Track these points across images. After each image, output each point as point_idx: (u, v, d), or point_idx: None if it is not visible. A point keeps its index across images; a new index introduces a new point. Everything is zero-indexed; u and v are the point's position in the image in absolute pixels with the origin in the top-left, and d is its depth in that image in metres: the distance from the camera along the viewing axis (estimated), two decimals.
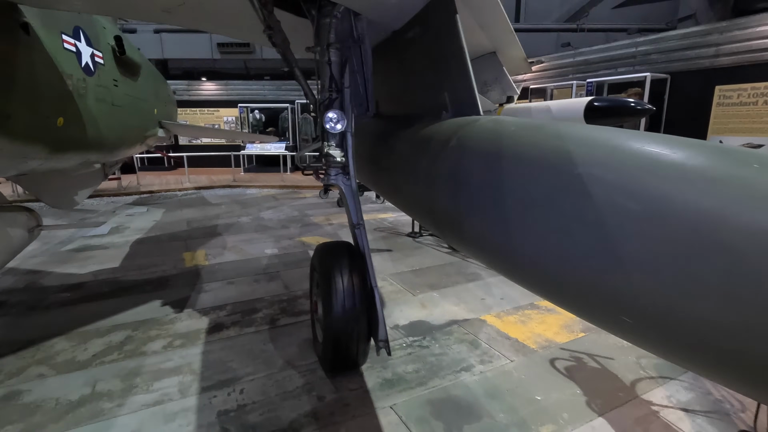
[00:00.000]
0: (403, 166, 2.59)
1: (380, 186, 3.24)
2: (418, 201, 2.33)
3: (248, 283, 4.45)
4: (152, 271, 4.80)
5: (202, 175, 13.46)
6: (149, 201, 9.52)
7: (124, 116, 4.93)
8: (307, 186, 11.39)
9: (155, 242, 6.03)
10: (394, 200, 2.96)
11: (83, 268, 4.89)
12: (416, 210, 2.46)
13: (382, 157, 3.00)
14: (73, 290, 4.23)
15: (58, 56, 3.46)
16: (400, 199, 2.75)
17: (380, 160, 3.05)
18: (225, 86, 15.34)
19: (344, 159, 2.77)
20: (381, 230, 6.75)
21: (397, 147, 2.75)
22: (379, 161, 3.06)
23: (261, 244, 5.90)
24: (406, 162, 2.57)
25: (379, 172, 3.09)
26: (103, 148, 4.46)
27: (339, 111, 2.77)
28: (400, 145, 2.71)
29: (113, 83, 4.60)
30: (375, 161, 3.14)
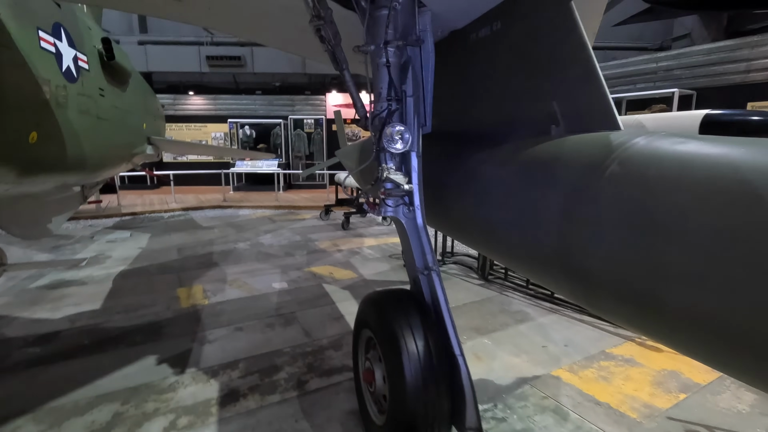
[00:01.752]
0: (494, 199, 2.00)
1: (446, 223, 2.61)
2: (534, 250, 1.71)
3: (260, 328, 3.73)
4: (141, 314, 4.03)
5: (189, 194, 12.61)
6: (132, 224, 8.65)
7: (111, 131, 4.22)
8: (304, 206, 10.70)
9: (143, 275, 5.24)
10: (476, 242, 2.34)
11: (56, 311, 4.08)
12: (527, 261, 1.83)
13: (450, 186, 2.40)
14: (44, 343, 3.43)
15: (33, 57, 2.78)
16: (488, 244, 2.14)
17: (446, 190, 2.44)
18: (213, 101, 14.62)
19: (409, 186, 2.16)
20: (397, 257, 6.11)
21: (478, 173, 2.15)
22: (444, 191, 2.45)
23: (266, 277, 5.18)
24: (498, 194, 1.98)
25: (446, 205, 2.47)
26: (84, 169, 3.73)
27: (403, 125, 2.17)
28: (484, 171, 2.12)
29: (99, 93, 3.91)
30: (436, 191, 2.52)
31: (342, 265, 5.72)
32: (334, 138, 14.95)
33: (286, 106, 14.92)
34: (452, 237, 2.78)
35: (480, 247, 2.32)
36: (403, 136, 2.15)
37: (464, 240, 2.50)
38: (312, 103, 15.14)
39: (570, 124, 1.76)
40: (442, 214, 2.57)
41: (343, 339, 3.52)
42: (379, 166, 2.26)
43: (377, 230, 8.06)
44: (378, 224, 8.65)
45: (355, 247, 6.69)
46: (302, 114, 14.87)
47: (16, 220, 3.85)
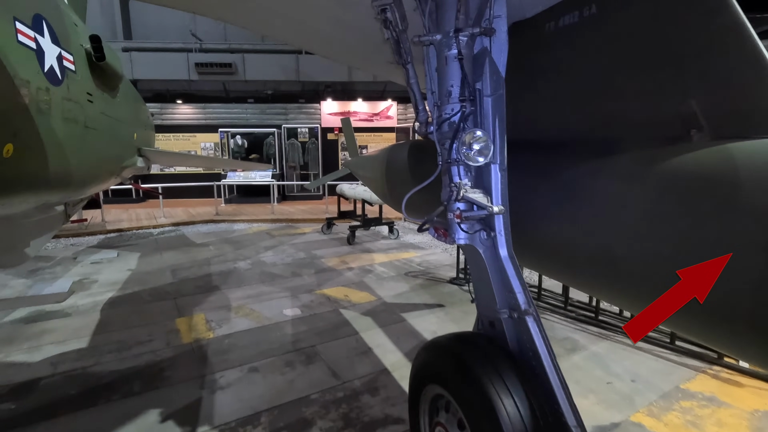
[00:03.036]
0: (615, 224, 1.57)
1: (526, 251, 2.13)
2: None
3: (278, 368, 3.22)
4: (137, 352, 3.48)
5: (178, 207, 11.97)
6: (119, 242, 8.01)
7: (99, 142, 3.69)
8: (303, 219, 10.18)
9: (135, 303, 4.66)
10: (577, 279, 1.89)
11: (35, 351, 3.50)
12: (687, 314, 1.38)
13: (532, 206, 1.96)
14: (20, 396, 2.86)
15: (9, 52, 2.27)
16: (604, 282, 1.70)
17: (525, 211, 2.00)
18: (203, 109, 14.04)
19: (499, 208, 1.71)
20: (414, 275, 5.66)
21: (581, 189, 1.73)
22: (522, 213, 2.01)
23: (275, 302, 4.66)
24: (625, 218, 1.55)
25: (524, 229, 2.02)
26: (69, 185, 3.19)
27: (483, 131, 1.74)
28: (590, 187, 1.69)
29: (87, 98, 3.38)
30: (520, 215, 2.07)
31: (356, 285, 5.23)
32: (329, 148, 14.49)
33: (279, 115, 14.42)
34: (532, 268, 2.31)
35: (585, 284, 1.88)
36: (484, 144, 1.71)
37: (556, 274, 2.05)
38: (306, 112, 14.68)
39: (718, 128, 1.35)
40: (517, 241, 2.11)
41: (377, 380, 3.04)
42: (451, 182, 1.82)
43: (385, 245, 7.60)
44: (384, 238, 8.19)
45: (366, 265, 6.21)
46: (296, 123, 14.39)
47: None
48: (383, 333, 3.83)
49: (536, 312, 1.69)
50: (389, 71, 3.77)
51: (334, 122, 14.58)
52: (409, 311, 4.36)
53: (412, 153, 3.29)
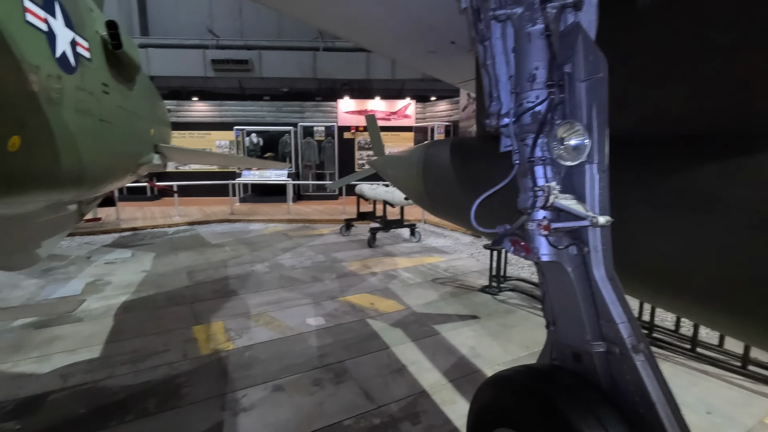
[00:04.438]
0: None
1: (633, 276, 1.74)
2: None
3: (306, 387, 2.92)
4: (152, 365, 3.21)
5: (192, 206, 11.80)
6: (133, 241, 7.82)
7: (116, 137, 3.45)
8: (320, 220, 9.91)
9: (150, 308, 4.42)
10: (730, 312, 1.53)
11: (44, 361, 3.26)
12: None
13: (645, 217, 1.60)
14: (26, 413, 2.61)
15: (15, 33, 2.01)
16: None
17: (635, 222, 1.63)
18: (218, 107, 13.89)
19: (606, 219, 1.38)
20: (442, 282, 5.33)
21: (709, 198, 1.38)
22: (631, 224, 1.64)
23: (297, 310, 4.38)
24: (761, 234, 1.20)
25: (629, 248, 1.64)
26: (83, 183, 2.95)
27: (579, 124, 1.41)
28: (722, 192, 1.35)
29: (102, 89, 3.14)
30: None
31: (381, 293, 4.92)
32: (345, 147, 14.22)
33: (296, 113, 14.20)
34: (638, 297, 1.91)
35: (708, 316, 1.52)
36: (582, 140, 1.39)
37: (662, 299, 1.69)
38: (323, 110, 14.43)
39: None
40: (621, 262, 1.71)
41: (417, 404, 2.72)
42: (534, 186, 1.49)
43: (407, 248, 7.28)
44: (406, 241, 7.87)
45: (390, 269, 5.90)
46: (312, 121, 14.15)
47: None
48: (416, 348, 3.52)
49: (649, 349, 1.36)
50: (427, 62, 3.46)
51: (351, 121, 14.31)
52: (441, 323, 4.03)
53: (456, 151, 2.97)
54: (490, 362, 3.27)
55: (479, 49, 1.62)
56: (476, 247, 7.36)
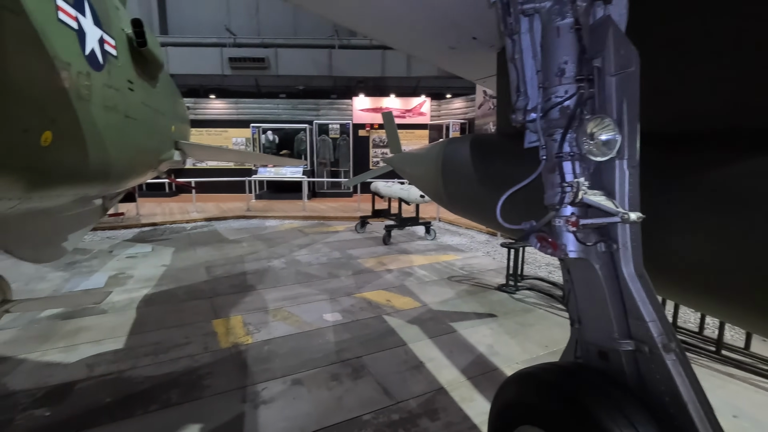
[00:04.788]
0: None
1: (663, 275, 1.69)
2: None
3: (324, 382, 2.95)
4: (174, 357, 3.28)
5: (209, 202, 11.98)
6: (153, 236, 7.98)
7: (140, 133, 3.53)
8: (335, 217, 9.96)
9: (170, 301, 4.50)
10: None
11: (71, 351, 3.35)
12: None
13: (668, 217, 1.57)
14: (55, 401, 2.69)
15: (49, 30, 2.06)
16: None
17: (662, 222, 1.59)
18: (235, 105, 14.05)
19: (637, 215, 1.36)
20: (458, 280, 5.31)
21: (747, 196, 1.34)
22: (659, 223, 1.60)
23: (314, 305, 4.41)
24: None
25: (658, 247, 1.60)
26: (109, 178, 3.02)
27: (609, 119, 1.39)
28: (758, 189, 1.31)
29: (128, 86, 3.20)
30: None
31: (397, 290, 4.93)
32: (360, 144, 14.25)
33: (311, 111, 14.28)
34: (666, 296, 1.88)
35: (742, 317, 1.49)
36: (613, 135, 1.37)
37: (690, 298, 1.66)
38: (338, 108, 14.48)
39: None
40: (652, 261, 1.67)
41: (435, 401, 2.72)
42: (562, 181, 1.48)
43: (422, 246, 7.26)
44: (421, 238, 7.85)
45: (405, 267, 5.90)
46: (327, 119, 14.21)
47: (26, 242, 3.15)
48: (433, 345, 3.52)
49: (680, 348, 1.33)
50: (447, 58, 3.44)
51: (366, 118, 14.33)
52: (458, 320, 4.02)
53: (476, 148, 2.95)
54: (508, 360, 3.25)
55: (507, 43, 1.61)
56: (492, 245, 7.31)
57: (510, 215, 1.82)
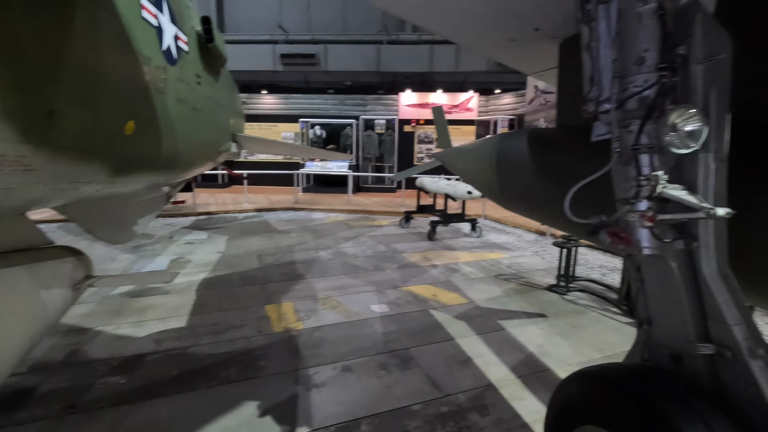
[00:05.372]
0: None
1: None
2: None
3: (373, 370, 3.00)
4: (231, 338, 3.46)
5: (259, 194, 12.45)
6: (208, 224, 8.42)
7: (205, 125, 3.72)
8: (379, 211, 10.05)
9: (226, 286, 4.75)
10: None
11: (140, 326, 3.62)
12: None
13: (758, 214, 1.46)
14: (128, 371, 2.92)
15: (134, 28, 2.22)
16: None
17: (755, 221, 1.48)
18: (285, 100, 14.49)
19: (725, 211, 1.29)
20: (505, 278, 5.21)
21: None
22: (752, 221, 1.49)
23: (361, 296, 4.49)
24: None
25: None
26: (177, 167, 3.21)
27: (695, 109, 1.32)
28: None
29: (196, 80, 3.38)
30: None
31: (443, 285, 4.91)
32: (405, 140, 14.25)
33: (358, 106, 14.45)
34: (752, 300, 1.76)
35: None
36: (698, 126, 1.29)
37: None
38: (384, 103, 14.56)
39: None
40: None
41: (484, 396, 2.70)
42: (638, 174, 1.42)
43: (467, 243, 7.18)
44: (466, 235, 7.76)
45: (450, 263, 5.86)
46: (374, 114, 14.32)
47: (105, 224, 3.42)
48: (481, 341, 3.48)
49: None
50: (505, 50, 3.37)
51: (412, 114, 14.30)
52: (506, 319, 3.95)
53: (535, 143, 2.88)
54: (559, 361, 3.16)
55: (583, 31, 1.56)
56: (540, 245, 7.09)
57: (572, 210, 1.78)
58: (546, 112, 11.51)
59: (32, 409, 2.47)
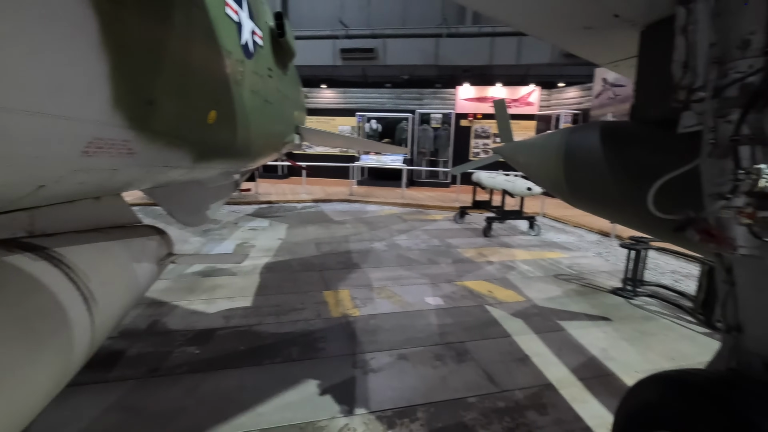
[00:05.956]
0: None
1: None
2: None
3: (429, 361, 3.03)
4: (293, 319, 3.63)
5: (315, 185, 12.84)
6: (269, 213, 8.84)
7: (273, 116, 3.90)
8: (432, 206, 10.01)
9: (286, 271, 4.98)
10: None
11: (211, 304, 3.90)
12: None
13: None
14: (202, 342, 3.17)
15: (219, 24, 2.38)
16: None
17: None
18: (343, 94, 14.77)
19: None
20: (565, 278, 5.01)
21: None
22: None
23: (415, 288, 4.53)
24: None
25: None
26: (248, 155, 3.41)
27: None
28: None
29: (268, 73, 3.56)
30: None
31: (499, 282, 4.82)
32: (461, 134, 14.03)
33: (414, 100, 14.41)
34: None
35: None
36: None
37: None
38: (441, 97, 14.40)
39: None
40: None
41: (543, 396, 2.64)
42: (736, 168, 1.32)
43: (524, 241, 6.96)
44: (523, 233, 7.53)
45: (507, 260, 5.73)
46: (430, 108, 14.23)
47: (183, 205, 3.71)
48: (540, 340, 3.39)
49: None
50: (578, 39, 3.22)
51: (469, 108, 14.04)
52: (566, 320, 3.81)
53: (609, 136, 2.73)
54: (625, 367, 3.00)
55: (679, 13, 1.47)
56: (604, 246, 6.72)
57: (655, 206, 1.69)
58: (615, 107, 10.82)
59: (123, 369, 2.76)
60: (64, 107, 1.18)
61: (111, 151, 1.55)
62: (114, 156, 1.59)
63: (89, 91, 1.28)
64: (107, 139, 1.47)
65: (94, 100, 1.31)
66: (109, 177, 1.75)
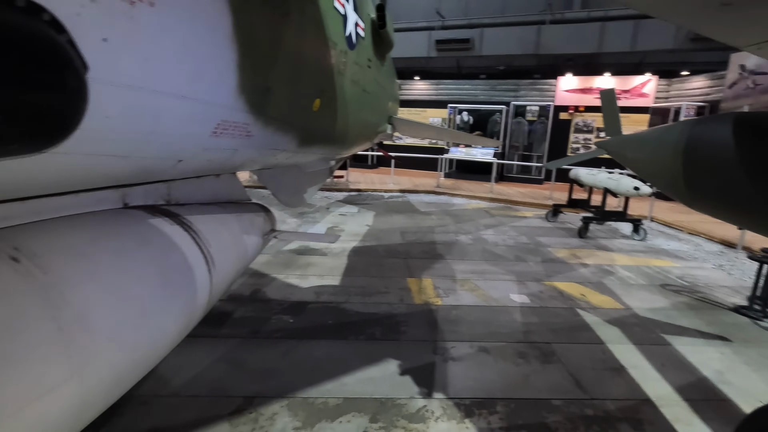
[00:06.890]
0: None
1: None
2: None
3: (510, 356, 2.96)
4: (376, 301, 3.78)
5: (403, 176, 13.03)
6: (358, 200, 9.20)
7: (370, 106, 4.04)
8: (522, 202, 9.58)
9: (372, 256, 5.17)
10: None
11: (304, 279, 4.22)
12: None
13: None
14: (296, 313, 3.46)
15: (328, 16, 2.54)
16: None
17: None
18: (436, 86, 14.69)
19: None
20: (674, 289, 4.48)
21: None
22: None
23: (500, 284, 4.41)
24: None
25: None
26: (345, 143, 3.58)
27: None
28: None
29: (367, 63, 3.69)
30: None
31: (594, 286, 4.48)
32: (558, 128, 13.12)
33: (510, 91, 13.81)
34: None
35: None
36: None
37: None
38: (539, 88, 13.61)
39: None
40: None
41: (639, 410, 2.43)
42: None
43: (626, 245, 6.35)
44: (625, 237, 6.87)
45: (604, 264, 5.29)
46: (527, 100, 13.53)
47: (285, 187, 4.04)
48: (639, 352, 3.10)
49: None
50: (712, 18, 2.83)
51: (570, 100, 13.06)
52: (673, 334, 3.43)
53: (745, 129, 2.38)
54: (745, 394, 2.62)
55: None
56: (727, 257, 5.86)
57: None
58: (755, 98, 9.27)
59: (230, 328, 3.13)
60: (201, 92, 1.37)
61: (234, 132, 1.76)
62: (235, 137, 1.80)
63: (221, 78, 1.46)
64: (231, 121, 1.67)
65: (224, 87, 1.50)
66: (230, 156, 1.98)
